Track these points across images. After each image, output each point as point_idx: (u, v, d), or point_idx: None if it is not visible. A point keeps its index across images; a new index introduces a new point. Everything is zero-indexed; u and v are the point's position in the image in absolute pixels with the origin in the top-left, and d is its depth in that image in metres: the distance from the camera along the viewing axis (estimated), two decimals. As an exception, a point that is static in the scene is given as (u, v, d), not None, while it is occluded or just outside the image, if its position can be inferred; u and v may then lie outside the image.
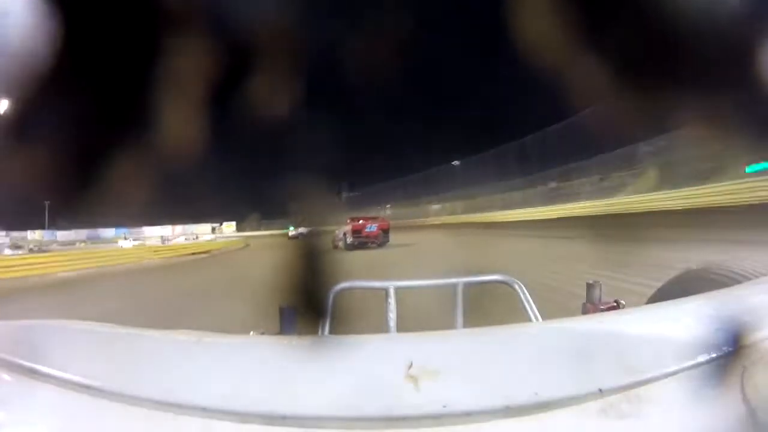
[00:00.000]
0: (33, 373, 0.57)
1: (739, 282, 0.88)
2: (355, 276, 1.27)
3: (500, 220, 22.66)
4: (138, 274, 12.78)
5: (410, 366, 0.52)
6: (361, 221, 15.32)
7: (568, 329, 0.68)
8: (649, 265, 4.43)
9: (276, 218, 33.13)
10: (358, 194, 35.00)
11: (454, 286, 1.18)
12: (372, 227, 15.06)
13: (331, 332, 1.05)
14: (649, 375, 0.46)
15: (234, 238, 31.20)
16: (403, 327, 1.13)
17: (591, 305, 1.06)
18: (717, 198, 13.78)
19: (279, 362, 0.64)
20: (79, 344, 0.76)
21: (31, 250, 20.94)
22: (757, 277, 0.87)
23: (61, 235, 38.25)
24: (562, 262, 7.40)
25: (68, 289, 9.72)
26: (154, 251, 18.74)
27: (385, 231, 15.41)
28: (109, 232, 38.74)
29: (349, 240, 14.03)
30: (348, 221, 14.79)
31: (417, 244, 14.63)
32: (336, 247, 13.79)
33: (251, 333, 0.97)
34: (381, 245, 14.42)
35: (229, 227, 46.20)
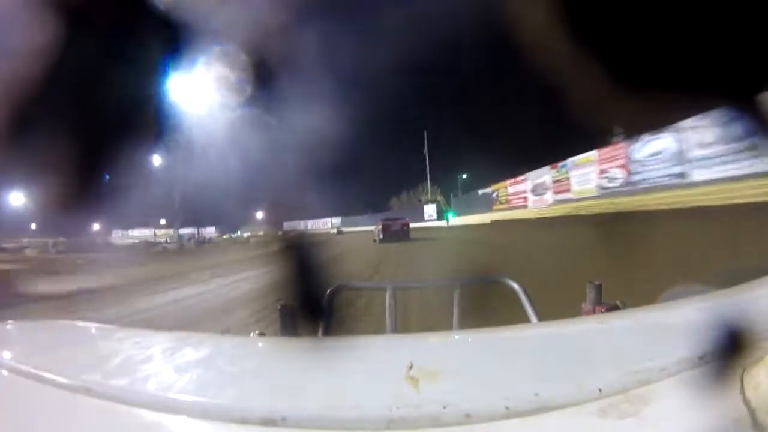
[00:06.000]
0: (33, 374, 0.57)
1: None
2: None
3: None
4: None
5: (410, 367, 0.52)
6: (389, 221, 20.33)
7: (568, 330, 0.69)
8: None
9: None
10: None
11: (453, 286, 1.18)
12: (397, 227, 19.34)
13: (330, 331, 1.05)
14: (649, 375, 0.46)
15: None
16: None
17: (591, 306, 1.06)
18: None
19: (279, 363, 0.64)
20: (80, 345, 0.76)
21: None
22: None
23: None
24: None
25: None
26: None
27: (406, 228, 19.37)
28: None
29: (380, 236, 18.35)
30: (380, 222, 19.94)
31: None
32: (375, 240, 18.52)
33: (251, 333, 0.97)
34: (404, 239, 18.15)
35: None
